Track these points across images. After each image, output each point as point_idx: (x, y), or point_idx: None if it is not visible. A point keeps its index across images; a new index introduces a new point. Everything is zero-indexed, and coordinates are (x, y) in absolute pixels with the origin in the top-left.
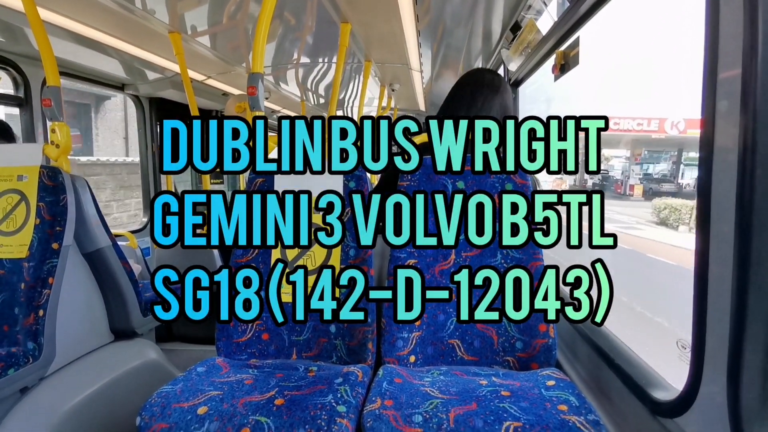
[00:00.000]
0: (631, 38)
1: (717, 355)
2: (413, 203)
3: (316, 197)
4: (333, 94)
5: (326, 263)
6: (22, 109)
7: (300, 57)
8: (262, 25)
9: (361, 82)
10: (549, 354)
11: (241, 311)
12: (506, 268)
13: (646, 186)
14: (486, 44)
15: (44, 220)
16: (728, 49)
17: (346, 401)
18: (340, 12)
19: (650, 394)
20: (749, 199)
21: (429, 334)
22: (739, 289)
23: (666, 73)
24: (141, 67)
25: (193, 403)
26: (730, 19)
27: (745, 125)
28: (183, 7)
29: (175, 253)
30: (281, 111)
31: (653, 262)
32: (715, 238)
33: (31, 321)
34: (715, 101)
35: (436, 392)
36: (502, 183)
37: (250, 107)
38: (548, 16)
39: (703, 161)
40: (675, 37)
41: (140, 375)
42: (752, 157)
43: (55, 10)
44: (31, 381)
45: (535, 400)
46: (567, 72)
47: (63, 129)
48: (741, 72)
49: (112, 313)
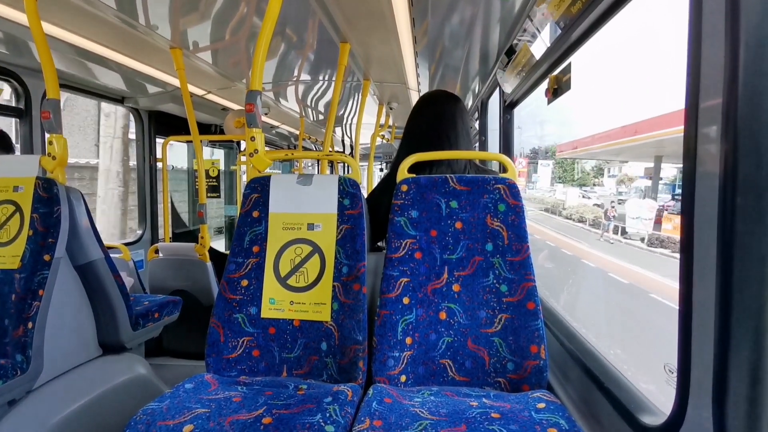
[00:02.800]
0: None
1: (702, 381)
2: (407, 221)
3: (310, 215)
4: (331, 112)
5: (319, 280)
6: (21, 120)
7: (300, 74)
8: (261, 44)
9: (359, 100)
10: (540, 376)
11: (233, 327)
12: (497, 287)
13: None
14: (483, 66)
15: (37, 231)
16: (709, 78)
17: (334, 421)
18: (340, 32)
19: (639, 419)
20: (730, 225)
21: (420, 354)
22: (723, 315)
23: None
24: (141, 81)
25: (179, 420)
26: (711, 48)
27: (726, 153)
28: (185, 24)
29: (168, 267)
30: (280, 127)
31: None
32: (699, 262)
33: (20, 333)
34: (696, 128)
35: (425, 413)
36: (495, 203)
37: (247, 124)
38: (541, 41)
39: (686, 186)
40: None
41: (128, 390)
42: (733, 183)
43: (59, 24)
44: (18, 393)
45: (525, 423)
46: (559, 96)
47: (60, 141)
48: (722, 101)
49: (101, 327)
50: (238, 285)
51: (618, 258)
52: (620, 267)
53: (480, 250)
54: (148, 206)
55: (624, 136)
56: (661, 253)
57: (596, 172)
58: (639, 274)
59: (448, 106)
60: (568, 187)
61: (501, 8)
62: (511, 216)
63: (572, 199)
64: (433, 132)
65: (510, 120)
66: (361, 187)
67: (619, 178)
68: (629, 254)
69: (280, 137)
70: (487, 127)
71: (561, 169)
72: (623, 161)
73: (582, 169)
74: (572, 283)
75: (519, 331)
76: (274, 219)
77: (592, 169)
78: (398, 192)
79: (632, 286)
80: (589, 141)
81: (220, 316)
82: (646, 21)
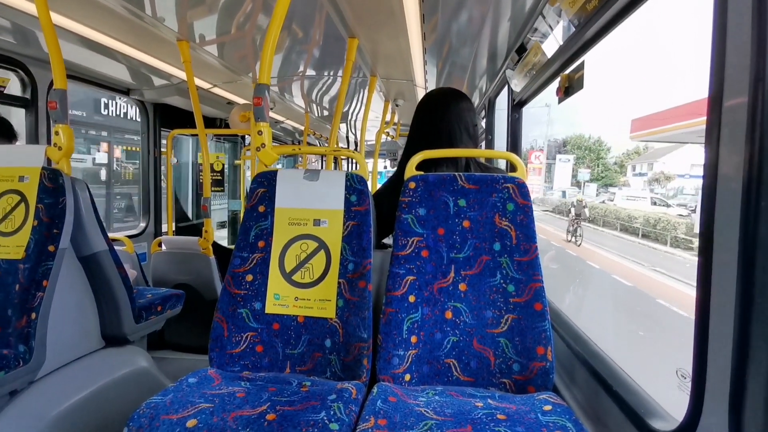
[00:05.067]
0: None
1: (718, 386)
2: (414, 219)
3: (316, 210)
4: (337, 108)
5: (324, 276)
6: (27, 110)
7: (306, 69)
8: (270, 37)
9: (365, 97)
10: (546, 377)
11: (236, 322)
12: (504, 287)
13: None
14: (491, 64)
15: (42, 221)
16: (734, 78)
17: (339, 419)
18: (348, 27)
19: (649, 424)
20: (753, 229)
21: (425, 353)
22: (742, 319)
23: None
24: (147, 73)
25: (182, 415)
26: (737, 45)
27: (750, 155)
28: (192, 16)
29: (172, 260)
30: (285, 122)
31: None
32: (718, 266)
33: (23, 323)
34: (720, 128)
35: (430, 413)
36: (504, 203)
37: (255, 118)
38: (554, 39)
39: (706, 190)
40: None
41: (130, 383)
42: (757, 187)
43: (67, 14)
44: (20, 384)
45: (531, 425)
46: (571, 95)
47: (66, 131)
48: (747, 100)
49: (104, 319)
50: (242, 280)
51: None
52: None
53: (487, 249)
54: (152, 199)
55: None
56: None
57: (617, 169)
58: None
59: (452, 103)
60: (607, 186)
61: (512, 6)
62: (520, 216)
63: (635, 204)
64: (434, 129)
65: (518, 119)
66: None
67: (652, 176)
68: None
69: (285, 132)
70: (494, 126)
71: (585, 166)
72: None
73: (605, 166)
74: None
75: (525, 331)
76: (280, 214)
77: (614, 165)
78: (406, 189)
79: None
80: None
81: (225, 310)
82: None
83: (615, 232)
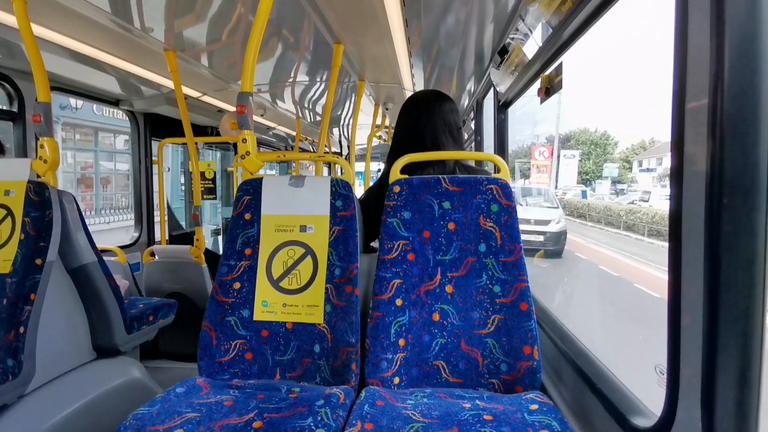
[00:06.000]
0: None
1: (692, 383)
2: (399, 222)
3: (302, 217)
4: (325, 113)
5: (311, 282)
6: (15, 123)
7: (296, 75)
8: (252, 46)
9: (355, 101)
10: (534, 377)
11: (225, 330)
12: (490, 288)
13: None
14: (477, 66)
15: (29, 235)
16: (695, 79)
17: (325, 424)
18: (334, 33)
19: (630, 421)
20: (717, 226)
21: (414, 356)
22: (711, 316)
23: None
24: (136, 83)
25: (168, 426)
26: (697, 49)
27: (712, 154)
28: (179, 26)
29: (164, 269)
30: (276, 128)
31: None
32: (687, 264)
33: (11, 338)
34: (683, 129)
35: (417, 416)
36: (488, 204)
37: (239, 126)
38: (533, 41)
39: (673, 188)
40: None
41: (122, 394)
42: (719, 184)
43: (53, 27)
44: (10, 399)
45: (517, 424)
46: (552, 95)
47: (51, 144)
48: (708, 102)
49: (95, 330)
50: (230, 288)
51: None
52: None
53: (473, 250)
54: (145, 209)
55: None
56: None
57: (623, 165)
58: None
59: (435, 105)
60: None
61: (494, 8)
62: (504, 216)
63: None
64: (418, 132)
65: (504, 120)
66: (359, 187)
67: (662, 171)
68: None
69: (277, 138)
70: (482, 127)
71: (590, 162)
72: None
73: (613, 162)
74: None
75: (512, 331)
76: (267, 221)
77: (619, 161)
78: (391, 193)
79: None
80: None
81: (213, 319)
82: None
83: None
